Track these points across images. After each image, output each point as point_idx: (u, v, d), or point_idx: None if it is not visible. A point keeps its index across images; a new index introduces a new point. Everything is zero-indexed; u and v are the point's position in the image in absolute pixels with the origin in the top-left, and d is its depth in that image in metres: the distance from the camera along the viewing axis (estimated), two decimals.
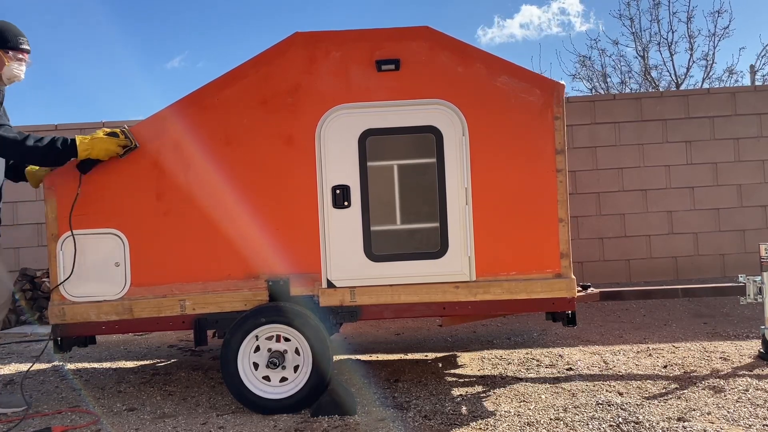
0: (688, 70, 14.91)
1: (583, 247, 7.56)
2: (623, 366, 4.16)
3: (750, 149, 7.67)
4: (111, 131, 3.52)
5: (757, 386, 3.58)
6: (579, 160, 7.58)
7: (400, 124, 3.59)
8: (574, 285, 3.61)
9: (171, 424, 3.35)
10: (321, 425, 3.22)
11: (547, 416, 3.23)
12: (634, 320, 5.67)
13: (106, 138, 3.49)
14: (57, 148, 3.43)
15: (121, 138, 3.52)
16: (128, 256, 3.57)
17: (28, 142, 3.42)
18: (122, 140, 3.52)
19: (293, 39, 3.62)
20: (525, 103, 3.60)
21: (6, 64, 3.47)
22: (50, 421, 3.49)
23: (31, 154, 3.48)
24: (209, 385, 4.10)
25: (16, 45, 3.50)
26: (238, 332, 3.45)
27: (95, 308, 3.56)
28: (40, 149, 3.42)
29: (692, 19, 14.49)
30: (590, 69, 16.21)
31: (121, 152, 3.53)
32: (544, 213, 3.59)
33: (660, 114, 7.70)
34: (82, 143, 3.44)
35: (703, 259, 7.67)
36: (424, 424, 3.20)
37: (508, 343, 5.01)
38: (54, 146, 3.43)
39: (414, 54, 3.61)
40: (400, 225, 3.61)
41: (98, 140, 3.48)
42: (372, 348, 5.05)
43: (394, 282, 3.59)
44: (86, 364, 4.88)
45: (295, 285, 3.59)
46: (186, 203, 3.59)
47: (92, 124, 7.73)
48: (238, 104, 3.61)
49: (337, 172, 3.59)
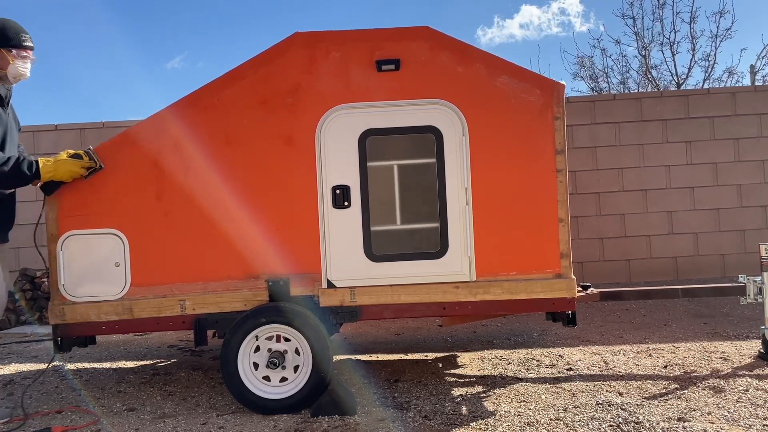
0: (690, 70, 14.90)
1: (583, 247, 7.57)
2: (623, 366, 4.16)
3: (750, 149, 7.68)
4: (75, 153, 3.53)
5: (757, 386, 3.58)
6: (579, 160, 7.58)
7: (400, 124, 3.59)
8: (574, 285, 3.61)
9: (171, 424, 3.35)
10: (321, 425, 3.22)
11: (547, 416, 3.23)
12: (634, 320, 5.67)
13: (70, 160, 3.49)
14: (23, 172, 3.36)
15: (85, 160, 3.52)
16: (128, 256, 3.58)
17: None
18: (86, 162, 3.52)
19: (293, 39, 3.62)
20: (525, 103, 3.60)
21: (11, 62, 3.42)
22: (50, 421, 3.49)
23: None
24: (209, 385, 4.10)
25: (19, 43, 3.44)
26: (238, 332, 3.45)
27: (95, 308, 3.56)
28: (6, 173, 3.34)
29: (696, 19, 14.47)
30: (589, 69, 16.20)
31: (85, 174, 3.53)
32: (544, 213, 3.59)
33: (660, 114, 7.70)
34: (45, 166, 3.42)
35: (703, 259, 7.67)
36: (424, 424, 3.20)
37: (508, 343, 5.01)
38: (20, 169, 3.36)
39: (414, 54, 3.61)
40: (400, 225, 3.61)
41: (61, 162, 3.47)
42: (372, 348, 5.05)
43: (394, 282, 3.59)
44: (86, 364, 4.88)
45: (295, 285, 3.59)
46: (186, 203, 3.59)
47: (92, 125, 7.74)
48: (238, 104, 3.61)
49: (337, 172, 3.59)
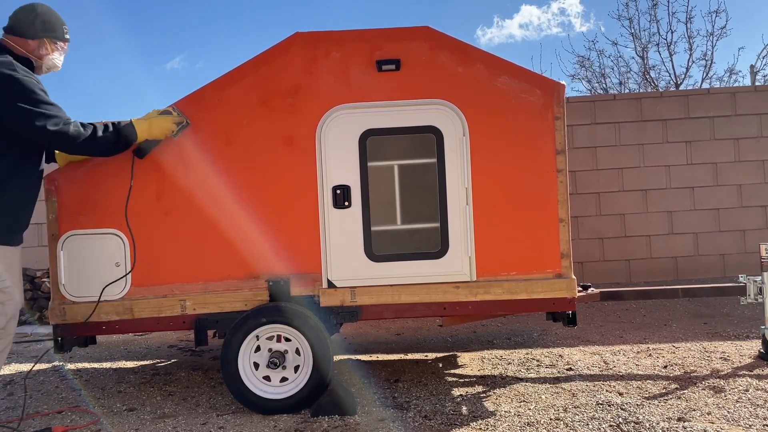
0: (688, 70, 14.93)
1: (583, 247, 7.56)
2: (623, 366, 4.17)
3: (750, 149, 7.68)
4: (164, 110, 3.50)
5: (757, 386, 3.58)
6: (579, 160, 7.58)
7: (401, 124, 3.59)
8: (574, 285, 3.61)
9: (171, 424, 3.35)
10: (321, 425, 3.22)
11: (547, 416, 3.23)
12: (634, 320, 5.67)
13: (162, 117, 3.47)
14: (124, 135, 3.30)
15: (175, 115, 3.50)
16: (128, 256, 3.57)
17: (97, 135, 3.22)
18: (176, 117, 3.50)
19: (293, 39, 3.62)
20: (525, 103, 3.60)
21: (50, 53, 3.30)
22: (50, 421, 3.49)
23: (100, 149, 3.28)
24: (209, 385, 4.10)
25: (62, 35, 3.34)
26: (239, 332, 3.45)
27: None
28: (110, 139, 3.24)
29: (692, 19, 14.50)
30: (589, 70, 16.21)
31: (176, 130, 3.51)
32: (545, 213, 3.59)
33: (660, 114, 7.70)
34: (140, 125, 3.37)
35: (703, 259, 7.67)
36: (424, 424, 3.20)
37: (508, 343, 5.01)
38: (120, 134, 3.28)
39: (414, 54, 3.61)
40: (400, 225, 3.61)
41: (155, 120, 3.43)
42: (372, 348, 5.05)
43: (395, 282, 3.59)
44: (86, 364, 4.88)
45: (295, 285, 3.59)
46: (186, 203, 3.59)
47: None
48: (238, 104, 3.61)
49: (337, 172, 3.59)
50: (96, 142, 3.22)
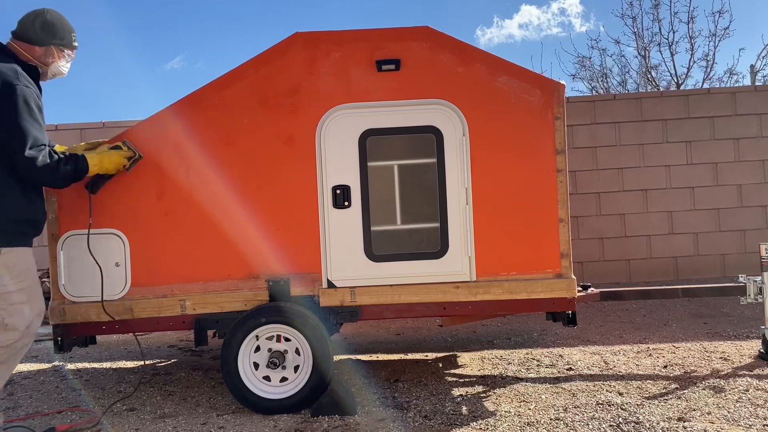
0: (689, 70, 14.91)
1: (583, 247, 7.56)
2: (623, 366, 4.16)
3: (750, 149, 7.68)
4: (114, 145, 3.51)
5: (758, 386, 3.58)
6: (579, 160, 7.58)
7: (401, 124, 3.59)
8: (574, 285, 3.61)
9: (171, 424, 3.35)
10: (321, 425, 3.22)
11: (547, 416, 3.23)
12: (634, 320, 5.67)
13: (113, 151, 3.46)
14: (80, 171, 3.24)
15: (125, 150, 3.51)
16: (128, 256, 3.58)
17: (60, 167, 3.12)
18: (126, 152, 3.51)
19: (293, 39, 3.62)
20: (525, 103, 3.60)
21: (56, 60, 3.27)
22: (50, 421, 3.49)
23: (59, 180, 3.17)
24: (209, 385, 4.10)
25: (69, 43, 3.30)
26: (239, 332, 3.45)
27: (95, 308, 3.55)
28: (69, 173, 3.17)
29: (694, 19, 14.48)
30: (589, 70, 16.20)
31: (128, 164, 3.53)
32: (545, 213, 3.59)
33: (660, 114, 7.70)
34: (91, 159, 3.32)
35: (703, 259, 7.67)
36: (424, 424, 3.20)
37: (508, 343, 5.01)
38: (77, 169, 3.22)
39: (414, 54, 3.61)
40: (400, 225, 3.61)
41: (106, 154, 3.43)
42: (372, 348, 5.05)
43: (395, 282, 3.59)
44: (86, 364, 4.88)
45: (295, 285, 3.59)
46: (186, 203, 3.59)
47: (92, 125, 7.73)
48: (238, 104, 3.61)
49: (337, 172, 3.59)
50: (57, 173, 3.10)
